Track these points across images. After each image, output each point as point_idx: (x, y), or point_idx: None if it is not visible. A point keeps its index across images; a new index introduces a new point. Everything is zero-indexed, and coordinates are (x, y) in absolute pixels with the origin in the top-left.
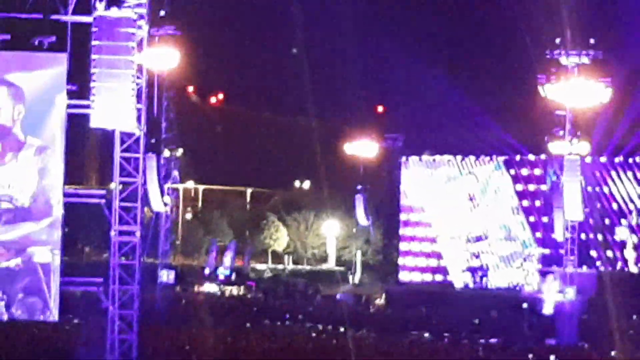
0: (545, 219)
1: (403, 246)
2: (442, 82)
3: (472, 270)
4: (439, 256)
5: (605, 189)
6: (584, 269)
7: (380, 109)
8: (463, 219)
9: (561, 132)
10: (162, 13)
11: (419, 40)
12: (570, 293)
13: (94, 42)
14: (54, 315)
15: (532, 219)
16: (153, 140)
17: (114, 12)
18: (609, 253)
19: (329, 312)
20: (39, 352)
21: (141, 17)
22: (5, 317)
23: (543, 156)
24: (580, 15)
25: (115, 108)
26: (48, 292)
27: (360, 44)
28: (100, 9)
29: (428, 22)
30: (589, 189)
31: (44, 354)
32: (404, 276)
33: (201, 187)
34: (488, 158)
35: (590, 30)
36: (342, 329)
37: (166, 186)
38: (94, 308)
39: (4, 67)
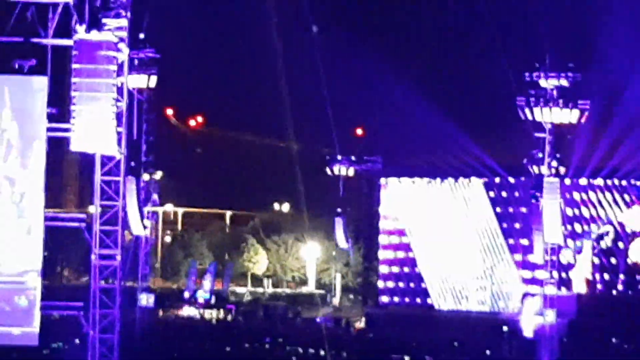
0: (524, 241)
1: (383, 269)
2: (421, 104)
3: (454, 294)
4: (419, 279)
5: (585, 211)
6: (563, 291)
7: (359, 131)
8: (443, 241)
9: (540, 155)
10: (142, 36)
11: (398, 63)
12: (550, 315)
13: (74, 66)
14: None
15: (511, 241)
16: (132, 164)
17: (95, 35)
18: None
19: (310, 335)
20: None
21: (121, 40)
22: None
23: (523, 178)
24: (559, 38)
25: (96, 131)
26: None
27: (340, 67)
28: (80, 32)
29: (407, 45)
30: (568, 211)
31: None
32: (384, 299)
33: (181, 210)
34: (467, 180)
35: (569, 53)
36: (322, 352)
37: (146, 209)
38: (73, 332)
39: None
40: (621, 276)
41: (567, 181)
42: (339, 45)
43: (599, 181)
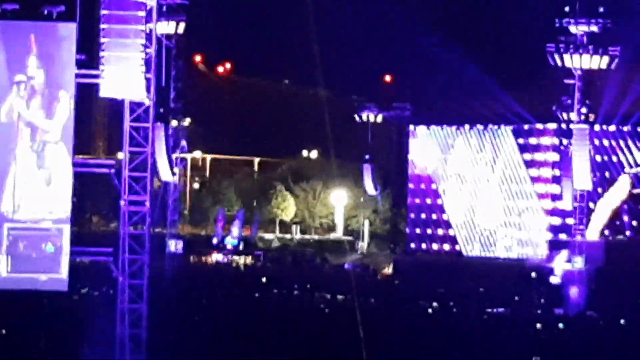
0: (553, 188)
1: (411, 215)
2: (450, 51)
3: (482, 241)
4: (447, 225)
5: (614, 158)
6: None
7: (388, 78)
8: (471, 188)
9: (569, 101)
10: None
11: (427, 9)
12: (579, 262)
13: (103, 12)
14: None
15: (539, 188)
16: (161, 110)
17: None
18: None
19: (337, 281)
20: (49, 322)
21: None
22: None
23: (552, 125)
24: None
25: (124, 77)
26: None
27: (369, 13)
28: None
29: None
30: (598, 158)
31: (54, 324)
32: (412, 245)
33: (209, 157)
34: (496, 127)
35: None
36: (350, 298)
37: (174, 156)
38: (103, 278)
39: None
40: None
41: (597, 128)
42: None
43: (628, 128)
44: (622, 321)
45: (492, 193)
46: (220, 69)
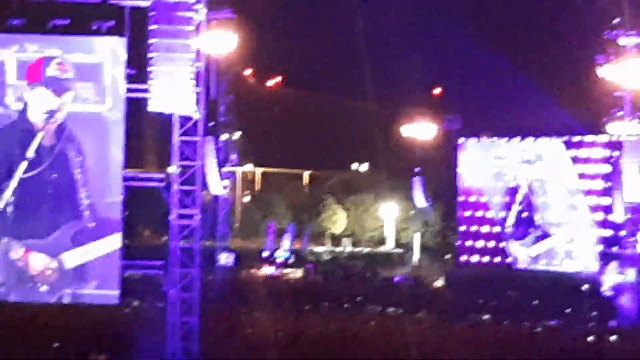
0: (604, 200)
1: (462, 228)
2: (500, 62)
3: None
4: (498, 238)
5: None
6: None
7: (437, 90)
8: (522, 200)
9: (620, 113)
10: None
11: (476, 21)
12: (631, 274)
13: (151, 26)
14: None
15: (591, 200)
16: (211, 124)
17: None
18: None
19: (388, 294)
20: (100, 335)
21: (198, 0)
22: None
23: (602, 137)
24: None
25: (173, 92)
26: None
27: (418, 26)
28: None
29: (485, 2)
30: None
31: (105, 337)
32: (463, 258)
33: (259, 170)
34: (547, 139)
35: None
36: (400, 311)
37: (224, 169)
38: (154, 291)
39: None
40: None
41: None
42: (416, 4)
43: None
44: None
45: (544, 206)
46: (270, 83)
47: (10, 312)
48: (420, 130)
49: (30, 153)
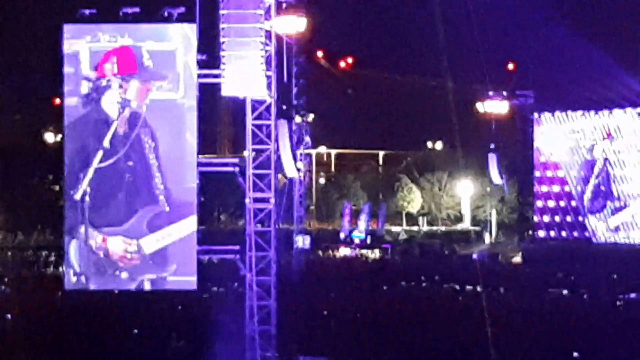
0: None
1: (538, 203)
2: (572, 35)
3: (612, 227)
4: (576, 212)
5: None
6: None
7: (511, 66)
8: (599, 173)
9: None
10: None
11: None
12: None
13: (222, 11)
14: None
15: None
16: (284, 107)
17: None
18: None
19: (466, 272)
20: (179, 321)
21: None
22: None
23: None
24: None
25: (245, 76)
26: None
27: (489, 1)
28: None
29: None
30: None
31: (184, 323)
32: (540, 233)
33: (333, 152)
34: (622, 111)
35: None
36: (479, 289)
37: (298, 152)
38: (231, 275)
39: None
40: None
41: None
42: None
43: None
44: None
45: (621, 178)
46: (342, 64)
47: (89, 299)
48: (494, 106)
49: (106, 142)
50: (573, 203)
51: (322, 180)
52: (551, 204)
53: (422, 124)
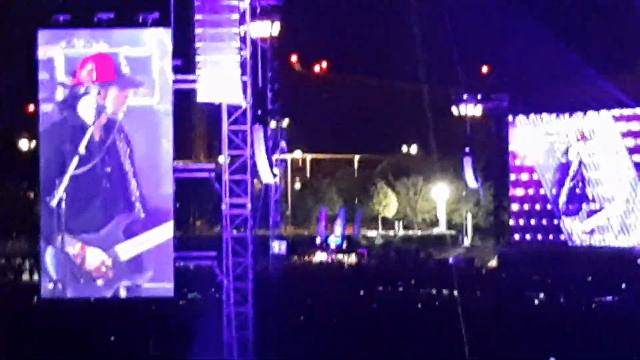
0: None
1: (514, 206)
2: (546, 38)
3: (586, 229)
4: (551, 215)
5: None
6: None
7: (485, 69)
8: (574, 176)
9: None
10: None
11: None
12: None
13: (197, 16)
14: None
15: None
16: (259, 112)
17: None
18: None
19: (442, 276)
20: (156, 328)
21: None
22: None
23: None
24: None
25: (221, 81)
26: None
27: (464, 3)
28: None
29: None
30: None
31: (161, 330)
32: (516, 237)
33: (309, 157)
34: (596, 113)
35: None
36: (455, 293)
37: (274, 157)
38: (208, 281)
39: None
40: None
41: None
42: None
43: None
44: None
45: (595, 180)
46: (317, 68)
47: (66, 308)
48: (469, 109)
49: (82, 149)
50: (548, 206)
51: (297, 186)
52: (527, 207)
53: (397, 128)
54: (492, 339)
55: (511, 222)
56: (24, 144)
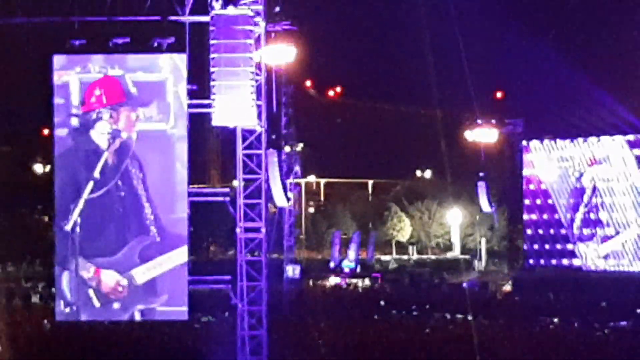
0: None
1: (528, 231)
2: (561, 63)
3: (602, 254)
4: (565, 240)
5: None
6: None
7: (499, 94)
8: (588, 201)
9: None
10: (277, 9)
11: (536, 22)
12: None
13: (212, 41)
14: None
15: None
16: (273, 136)
17: (231, 10)
18: None
19: (456, 300)
20: (170, 351)
21: (257, 13)
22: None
23: None
24: None
25: (236, 106)
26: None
27: (478, 29)
28: (217, 8)
29: (544, 2)
30: None
31: (175, 353)
32: (530, 262)
33: (323, 181)
34: (610, 138)
35: None
36: (469, 317)
37: (288, 181)
38: (222, 305)
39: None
40: None
41: None
42: (476, 8)
43: None
44: None
45: (610, 205)
46: (331, 93)
47: (80, 329)
48: (483, 134)
49: (97, 173)
50: (563, 231)
51: (311, 210)
52: (541, 231)
53: (411, 153)
54: None
55: (525, 246)
56: (38, 168)
